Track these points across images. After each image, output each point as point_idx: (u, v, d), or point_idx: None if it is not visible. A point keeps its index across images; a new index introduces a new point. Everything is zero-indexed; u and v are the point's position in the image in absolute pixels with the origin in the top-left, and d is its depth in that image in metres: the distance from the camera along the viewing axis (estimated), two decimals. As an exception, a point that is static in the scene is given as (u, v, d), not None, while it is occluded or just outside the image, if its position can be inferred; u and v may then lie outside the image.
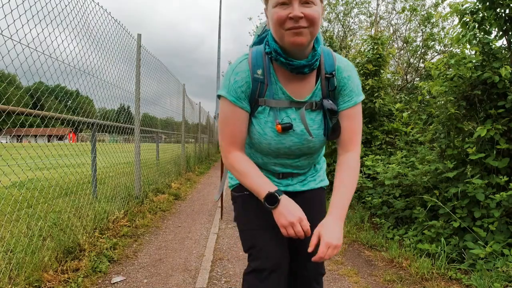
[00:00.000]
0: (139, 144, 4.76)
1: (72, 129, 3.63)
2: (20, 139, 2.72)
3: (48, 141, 3.10)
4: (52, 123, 3.13)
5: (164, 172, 6.70)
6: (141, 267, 2.81)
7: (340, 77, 1.18)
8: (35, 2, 2.43)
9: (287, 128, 1.15)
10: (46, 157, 2.73)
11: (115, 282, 2.51)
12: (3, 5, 2.08)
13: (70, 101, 3.58)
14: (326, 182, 1.43)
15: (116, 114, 4.56)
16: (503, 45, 3.18)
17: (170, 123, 8.13)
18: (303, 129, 1.17)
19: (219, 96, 1.19)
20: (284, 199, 1.10)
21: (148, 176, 5.53)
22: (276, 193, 1.09)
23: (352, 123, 1.19)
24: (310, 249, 1.07)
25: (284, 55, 1.11)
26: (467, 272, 2.55)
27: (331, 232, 1.05)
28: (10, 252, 2.28)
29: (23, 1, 2.27)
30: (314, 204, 1.34)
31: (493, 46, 3.09)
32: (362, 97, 1.21)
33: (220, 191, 1.68)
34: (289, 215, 1.07)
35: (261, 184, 1.13)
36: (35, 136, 3.51)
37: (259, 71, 1.15)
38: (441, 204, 2.95)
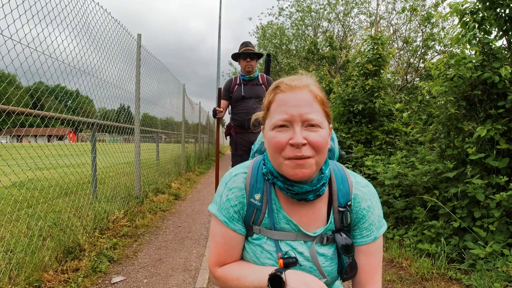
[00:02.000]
0: (139, 144, 4.77)
1: (72, 129, 3.63)
2: (20, 139, 2.71)
3: (48, 141, 3.10)
4: (52, 123, 3.13)
5: (164, 172, 6.70)
6: (141, 267, 2.81)
7: (358, 208, 0.98)
8: (35, 2, 2.43)
9: (291, 264, 0.93)
10: (46, 157, 2.73)
11: (115, 282, 2.51)
12: (3, 5, 2.08)
13: (70, 101, 3.58)
14: None
15: (116, 114, 4.56)
16: (503, 45, 3.18)
17: (170, 123, 8.13)
18: (313, 265, 0.97)
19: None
20: (291, 274, 0.90)
21: (148, 176, 5.53)
22: (277, 272, 0.89)
23: (371, 260, 0.97)
24: None
25: (282, 178, 0.92)
26: (467, 272, 2.55)
27: None
28: (10, 252, 2.28)
29: (23, 1, 2.27)
30: None
31: (493, 46, 3.09)
32: (384, 228, 1.00)
33: None
34: None
35: (259, 273, 0.93)
36: (35, 136, 3.51)
37: (257, 196, 0.97)
38: (441, 204, 2.95)
